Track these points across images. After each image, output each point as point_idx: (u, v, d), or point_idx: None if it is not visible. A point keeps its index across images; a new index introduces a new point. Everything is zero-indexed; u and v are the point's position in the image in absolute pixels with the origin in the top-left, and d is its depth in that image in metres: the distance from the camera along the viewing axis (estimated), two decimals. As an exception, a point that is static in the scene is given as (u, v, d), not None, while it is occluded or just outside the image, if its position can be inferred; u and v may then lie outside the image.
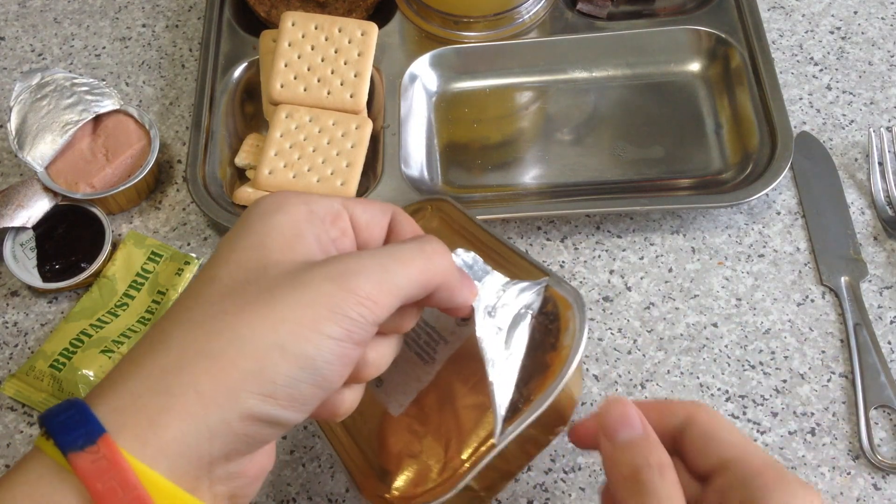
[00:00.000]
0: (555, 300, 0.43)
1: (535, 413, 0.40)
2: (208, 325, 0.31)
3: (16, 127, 0.58)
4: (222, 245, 0.35)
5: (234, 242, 0.34)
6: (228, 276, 0.33)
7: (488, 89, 0.65)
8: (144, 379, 0.31)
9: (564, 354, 0.41)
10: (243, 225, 0.35)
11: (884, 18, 0.67)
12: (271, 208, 0.35)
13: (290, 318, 0.31)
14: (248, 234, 0.34)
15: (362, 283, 0.32)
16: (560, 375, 0.40)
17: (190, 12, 0.72)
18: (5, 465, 0.52)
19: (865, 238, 0.57)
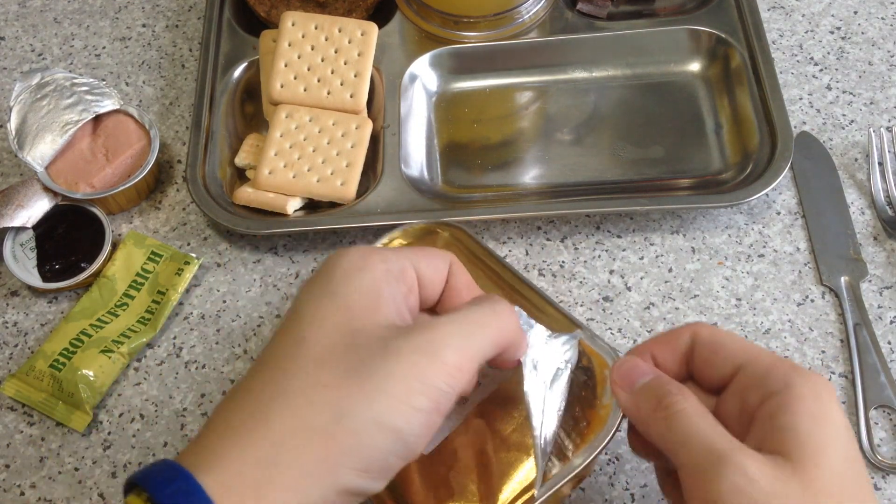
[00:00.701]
0: (588, 355, 0.45)
1: (576, 470, 0.42)
2: (308, 397, 0.32)
3: (16, 127, 0.58)
4: (305, 301, 0.35)
5: (319, 301, 0.35)
6: (317, 340, 0.34)
7: (488, 89, 0.65)
8: (249, 452, 0.31)
9: (605, 413, 0.43)
10: (327, 282, 0.36)
11: (884, 18, 0.67)
12: (354, 267, 0.36)
13: (383, 391, 0.32)
14: (333, 295, 0.35)
15: (449, 354, 0.34)
16: (602, 436, 0.42)
17: (190, 12, 0.72)
18: (5, 465, 0.52)
19: (865, 238, 0.57)
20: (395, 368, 0.32)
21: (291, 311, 0.36)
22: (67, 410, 0.53)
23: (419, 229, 0.52)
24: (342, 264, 0.36)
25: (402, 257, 0.37)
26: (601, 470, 0.50)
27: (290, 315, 0.36)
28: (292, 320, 0.35)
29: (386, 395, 0.32)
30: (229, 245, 0.60)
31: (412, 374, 0.33)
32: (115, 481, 0.51)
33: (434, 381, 0.33)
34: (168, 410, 0.53)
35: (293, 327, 0.35)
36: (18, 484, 0.51)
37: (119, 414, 0.53)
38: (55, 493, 0.51)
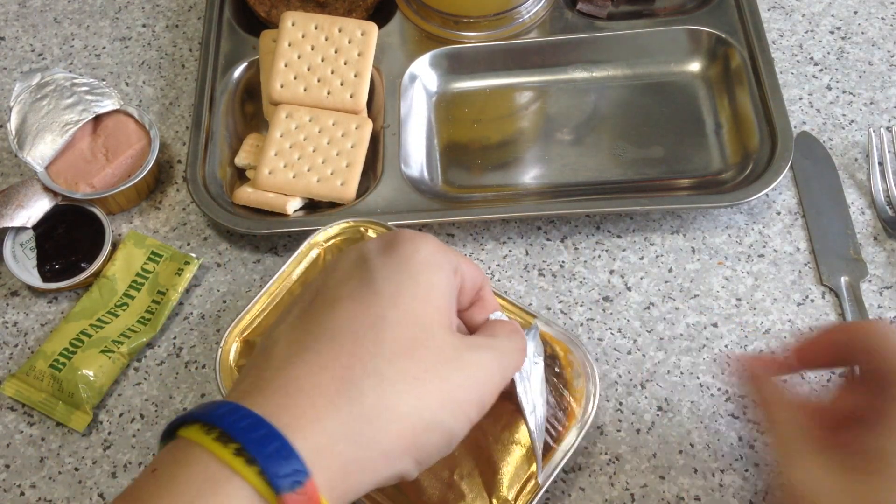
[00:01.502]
0: (550, 343, 0.49)
1: (569, 451, 0.45)
2: (396, 383, 0.33)
3: (16, 127, 0.58)
4: (382, 277, 0.35)
5: (400, 283, 0.35)
6: (397, 324, 0.34)
7: (488, 89, 0.65)
8: (341, 424, 0.32)
9: (580, 395, 0.47)
10: (405, 266, 0.36)
11: (884, 18, 0.67)
12: (434, 263, 0.37)
13: (454, 397, 0.34)
14: (413, 283, 0.35)
15: (498, 376, 0.37)
16: (582, 420, 0.46)
17: (190, 12, 0.72)
18: (5, 465, 0.52)
19: (865, 238, 0.57)
20: (464, 379, 0.35)
21: (359, 276, 0.36)
22: (67, 410, 0.53)
23: (348, 227, 0.54)
24: (421, 253, 0.36)
25: (458, 259, 0.38)
26: (601, 470, 0.50)
27: (359, 281, 0.35)
28: (367, 291, 0.35)
29: (454, 402, 0.34)
30: (229, 245, 0.60)
31: (474, 387, 0.35)
32: (115, 481, 0.51)
33: (484, 398, 0.36)
34: (168, 410, 0.53)
35: (370, 301, 0.35)
36: (18, 484, 0.51)
37: (119, 414, 0.53)
38: (55, 493, 0.51)
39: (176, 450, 0.31)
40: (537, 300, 0.56)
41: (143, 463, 0.52)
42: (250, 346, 0.51)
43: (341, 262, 0.37)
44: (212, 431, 0.30)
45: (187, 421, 0.32)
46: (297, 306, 0.37)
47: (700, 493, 0.49)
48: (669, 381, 0.52)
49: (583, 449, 0.50)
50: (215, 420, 0.30)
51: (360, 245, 0.38)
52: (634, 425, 0.51)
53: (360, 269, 0.36)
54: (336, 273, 0.37)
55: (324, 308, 0.35)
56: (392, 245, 0.37)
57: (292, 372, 0.33)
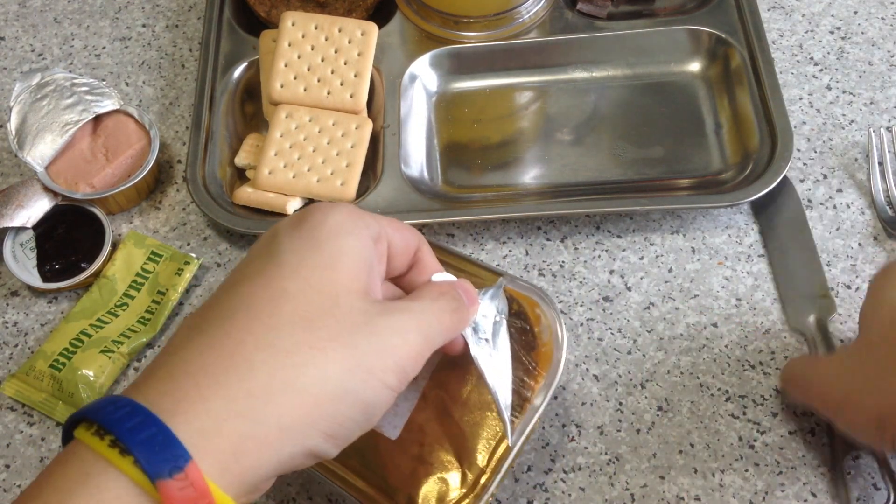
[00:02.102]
0: (516, 299, 0.46)
1: (539, 412, 0.43)
2: (294, 357, 0.31)
3: (16, 127, 0.58)
4: (286, 249, 0.34)
5: (303, 254, 0.34)
6: (300, 295, 0.33)
7: (488, 89, 0.65)
8: (229, 402, 0.30)
9: (547, 351, 0.45)
10: (311, 235, 0.35)
11: (884, 18, 0.67)
12: (343, 228, 0.35)
13: (363, 364, 0.32)
14: (317, 252, 0.34)
15: (418, 340, 0.35)
16: (551, 374, 0.44)
17: (190, 12, 0.72)
18: (5, 465, 0.52)
19: (865, 238, 0.57)
20: (375, 345, 0.33)
21: (266, 252, 0.35)
22: (67, 410, 0.53)
23: None
24: (329, 221, 0.35)
25: (378, 224, 0.37)
26: (601, 470, 0.50)
27: (266, 258, 0.34)
28: (270, 265, 0.34)
29: (364, 370, 0.32)
30: (229, 245, 0.60)
31: (388, 353, 0.33)
32: (115, 481, 0.51)
33: (403, 363, 0.34)
34: (168, 410, 0.53)
35: (272, 274, 0.33)
36: (18, 484, 0.51)
37: (119, 414, 0.53)
38: (55, 493, 0.51)
39: (66, 449, 0.31)
40: (537, 300, 0.56)
41: (143, 463, 0.52)
42: None
43: (256, 243, 0.37)
44: (91, 426, 0.30)
45: (76, 418, 0.31)
46: None
47: (700, 493, 0.49)
48: (669, 381, 0.53)
49: (583, 449, 0.50)
50: (91, 415, 0.30)
51: (275, 224, 0.37)
52: (634, 425, 0.51)
53: (268, 244, 0.35)
54: (248, 254, 0.36)
55: (227, 289, 0.34)
56: (301, 217, 0.36)
57: (182, 356, 0.32)
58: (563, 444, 0.50)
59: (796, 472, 0.49)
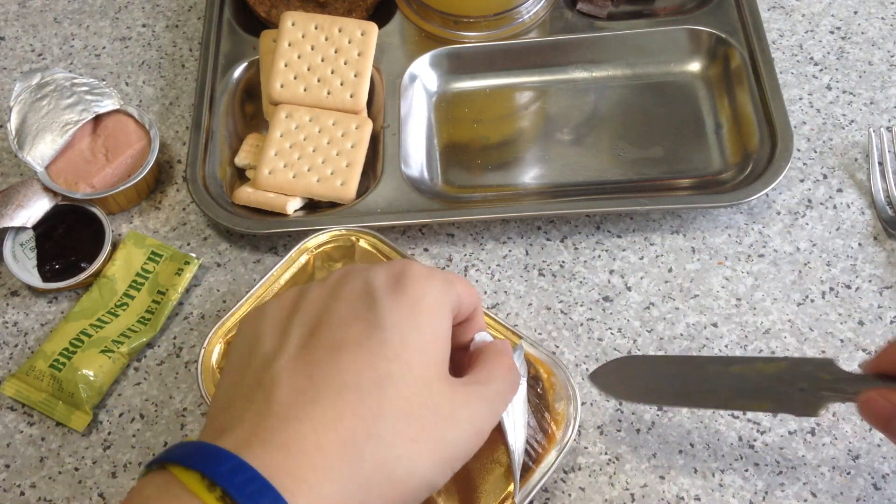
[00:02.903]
0: (533, 364, 0.49)
1: (547, 474, 0.45)
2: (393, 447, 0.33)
3: (16, 127, 0.58)
4: (388, 325, 0.35)
5: (405, 334, 0.35)
6: (403, 382, 0.34)
7: (488, 89, 0.65)
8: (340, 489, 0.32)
9: (560, 419, 0.47)
10: (412, 313, 0.36)
11: (884, 18, 0.67)
12: (439, 309, 0.37)
13: (446, 458, 0.35)
14: (418, 333, 0.35)
15: (488, 428, 0.38)
16: (562, 444, 0.46)
17: (190, 12, 0.72)
18: (5, 465, 0.52)
19: (865, 238, 0.57)
20: (457, 439, 0.35)
21: (366, 318, 0.35)
22: (67, 410, 0.53)
23: (339, 235, 0.55)
24: (429, 298, 0.36)
25: (458, 293, 0.39)
26: (601, 470, 0.50)
27: (367, 326, 0.35)
28: (374, 341, 0.35)
29: (446, 463, 0.35)
30: (229, 245, 0.60)
31: (465, 445, 0.36)
32: (115, 481, 0.51)
33: (471, 451, 0.36)
34: (168, 410, 0.53)
35: (377, 352, 0.34)
36: (18, 484, 0.51)
37: (119, 414, 0.53)
38: (55, 493, 0.51)
39: (159, 484, 0.31)
40: (537, 300, 0.56)
41: (142, 462, 0.52)
42: None
43: (345, 291, 0.37)
44: (214, 489, 0.30)
45: (182, 462, 0.31)
46: (297, 332, 0.36)
47: (700, 493, 0.49)
48: (669, 381, 0.52)
49: (583, 449, 0.50)
50: (219, 478, 0.30)
51: (366, 274, 0.37)
52: (634, 425, 0.51)
53: (366, 307, 0.36)
54: (340, 304, 0.36)
55: (329, 353, 0.35)
56: (401, 284, 0.36)
57: (297, 428, 0.32)
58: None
59: (796, 472, 0.49)
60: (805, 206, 0.59)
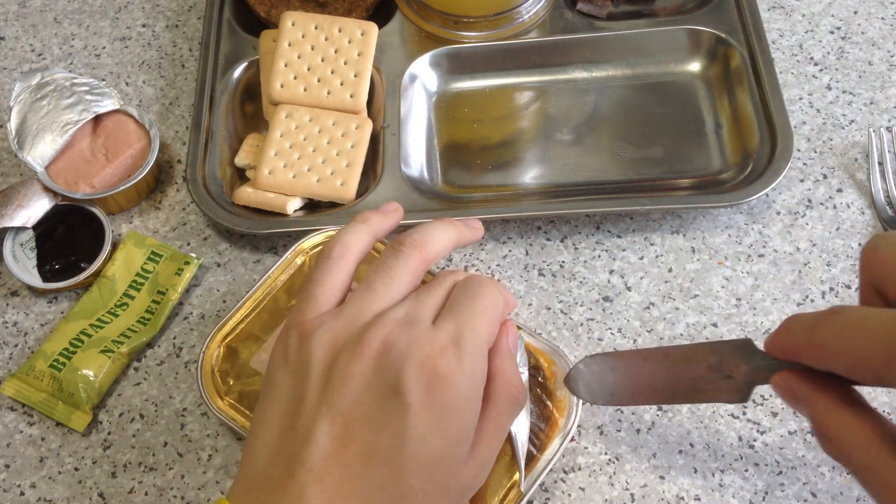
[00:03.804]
0: (533, 353, 0.49)
1: (551, 462, 0.46)
2: None
3: (16, 127, 0.58)
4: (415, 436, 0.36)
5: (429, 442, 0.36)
6: (422, 493, 0.36)
7: (488, 89, 0.65)
8: None
9: (563, 406, 0.48)
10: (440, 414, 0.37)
11: (884, 18, 0.67)
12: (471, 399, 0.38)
13: None
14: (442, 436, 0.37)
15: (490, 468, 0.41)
16: (565, 430, 0.47)
17: (190, 12, 0.72)
18: (5, 465, 0.52)
19: (865, 238, 0.57)
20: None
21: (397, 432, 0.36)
22: (67, 410, 0.53)
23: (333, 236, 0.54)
24: (461, 392, 0.37)
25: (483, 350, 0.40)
26: (601, 470, 0.50)
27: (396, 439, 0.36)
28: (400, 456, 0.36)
29: None
30: (229, 245, 0.60)
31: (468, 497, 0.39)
32: (115, 481, 0.51)
33: None
34: (168, 410, 0.53)
35: (399, 464, 0.36)
36: (18, 484, 0.51)
37: (119, 414, 0.53)
38: (55, 493, 0.51)
39: None
40: (537, 300, 0.56)
41: (142, 463, 0.52)
42: (233, 352, 0.51)
43: (378, 381, 0.37)
44: None
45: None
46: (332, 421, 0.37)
47: (700, 493, 0.49)
48: (669, 381, 0.52)
49: (583, 449, 0.50)
50: None
51: (400, 363, 0.37)
52: (634, 425, 0.51)
53: (398, 410, 0.36)
54: (373, 399, 0.37)
55: (359, 462, 0.36)
56: (433, 387, 0.37)
57: None
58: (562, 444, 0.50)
59: (796, 472, 0.49)
60: (805, 206, 0.59)
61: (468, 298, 0.40)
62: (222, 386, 0.50)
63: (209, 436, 0.52)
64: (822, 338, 0.35)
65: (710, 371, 0.42)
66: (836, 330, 0.34)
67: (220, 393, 0.50)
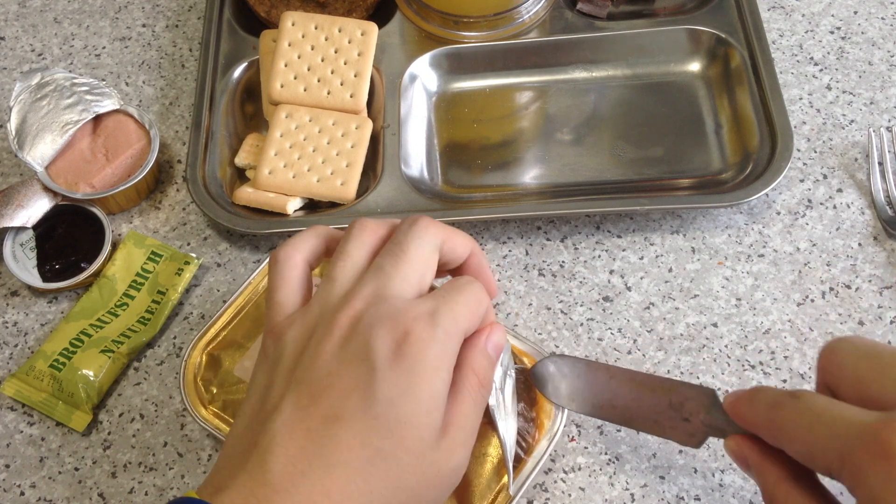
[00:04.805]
0: (518, 355, 0.49)
1: (540, 461, 0.46)
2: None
3: (16, 127, 0.58)
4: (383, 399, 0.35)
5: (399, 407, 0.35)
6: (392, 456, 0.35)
7: (488, 89, 0.65)
8: None
9: (549, 407, 0.47)
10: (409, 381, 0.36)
11: (884, 18, 0.67)
12: (441, 363, 0.37)
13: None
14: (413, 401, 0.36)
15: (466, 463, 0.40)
16: (551, 432, 0.47)
17: (190, 12, 0.72)
18: (5, 465, 0.52)
19: (865, 238, 0.57)
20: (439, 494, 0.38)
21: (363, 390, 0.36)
22: (67, 410, 0.53)
23: None
24: (430, 359, 0.36)
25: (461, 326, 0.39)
26: (601, 470, 0.50)
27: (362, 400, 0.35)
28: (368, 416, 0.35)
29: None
30: (229, 245, 0.60)
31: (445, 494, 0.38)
32: (115, 481, 0.51)
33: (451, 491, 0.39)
34: (168, 410, 0.53)
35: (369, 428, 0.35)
36: (18, 484, 0.51)
37: (119, 414, 0.53)
38: (55, 493, 0.51)
39: None
40: (537, 300, 0.56)
41: (142, 463, 0.52)
42: (216, 360, 0.51)
43: (349, 353, 0.37)
44: None
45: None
46: (298, 390, 0.36)
47: (700, 493, 0.49)
48: (669, 381, 0.52)
49: (583, 449, 0.50)
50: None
51: (370, 334, 0.37)
52: (634, 425, 0.51)
53: (366, 376, 0.36)
54: (342, 369, 0.36)
55: (324, 424, 0.35)
56: (402, 351, 0.36)
57: (286, 501, 0.34)
58: (563, 444, 0.50)
59: (796, 472, 0.49)
60: (805, 206, 0.59)
61: (452, 289, 0.40)
62: (206, 395, 0.50)
63: (209, 436, 0.52)
64: (782, 420, 0.35)
65: (670, 408, 0.42)
66: (796, 416, 0.35)
67: (204, 402, 0.50)
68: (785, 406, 0.35)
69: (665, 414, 0.42)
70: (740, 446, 0.38)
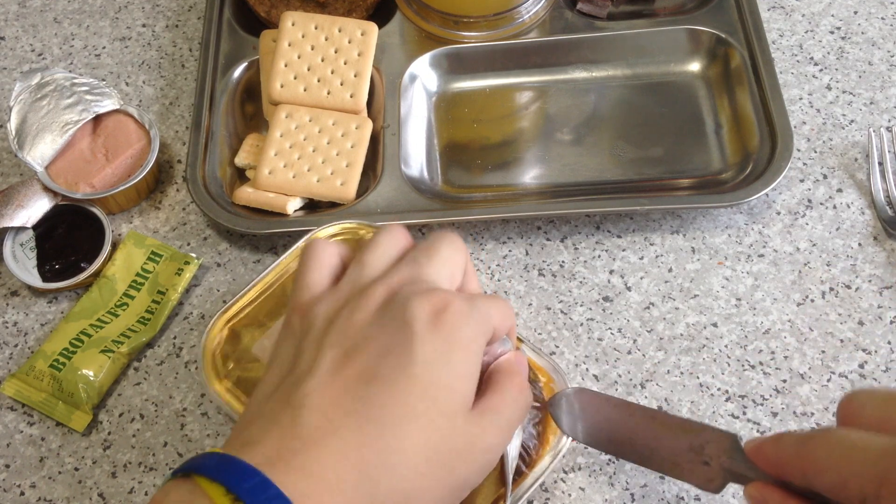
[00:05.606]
0: (532, 368, 0.48)
1: (539, 480, 0.45)
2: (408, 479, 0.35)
3: (16, 127, 0.58)
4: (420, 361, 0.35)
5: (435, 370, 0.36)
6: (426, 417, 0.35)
7: (488, 89, 0.65)
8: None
9: (553, 425, 0.46)
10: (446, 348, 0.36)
11: (884, 18, 0.67)
12: (477, 340, 0.38)
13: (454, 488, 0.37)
14: (450, 371, 0.36)
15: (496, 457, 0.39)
16: (556, 449, 0.46)
17: (190, 12, 0.72)
18: (5, 465, 0.52)
19: (865, 238, 0.57)
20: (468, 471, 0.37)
21: (400, 351, 0.36)
22: (67, 410, 0.53)
23: (350, 228, 0.54)
24: (466, 334, 0.37)
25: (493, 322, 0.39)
26: (601, 470, 0.50)
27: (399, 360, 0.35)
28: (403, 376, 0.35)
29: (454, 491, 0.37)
30: (229, 245, 0.60)
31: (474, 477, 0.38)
32: (115, 481, 0.51)
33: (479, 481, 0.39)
34: (168, 410, 0.53)
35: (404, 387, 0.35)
36: (18, 484, 0.51)
37: (119, 414, 0.54)
38: (55, 493, 0.51)
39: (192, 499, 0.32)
40: (537, 300, 0.56)
41: (142, 463, 0.52)
42: (236, 336, 0.51)
43: (387, 318, 0.37)
44: (218, 486, 0.32)
45: (208, 474, 0.32)
46: (332, 353, 0.36)
47: (700, 493, 0.49)
48: (669, 381, 0.52)
49: (583, 449, 0.50)
50: (243, 494, 0.31)
51: (409, 303, 0.37)
52: (634, 425, 0.51)
53: (403, 339, 0.36)
54: (380, 333, 0.37)
55: (359, 383, 0.35)
56: (440, 319, 0.37)
57: (318, 454, 0.34)
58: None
59: (796, 472, 0.49)
60: (805, 206, 0.59)
61: (485, 295, 0.40)
62: (222, 368, 0.49)
63: (209, 436, 0.52)
64: (813, 452, 0.34)
65: (690, 451, 0.41)
66: (829, 446, 0.34)
67: (220, 374, 0.49)
68: (815, 438, 0.34)
69: (685, 456, 0.41)
70: (762, 493, 0.37)
